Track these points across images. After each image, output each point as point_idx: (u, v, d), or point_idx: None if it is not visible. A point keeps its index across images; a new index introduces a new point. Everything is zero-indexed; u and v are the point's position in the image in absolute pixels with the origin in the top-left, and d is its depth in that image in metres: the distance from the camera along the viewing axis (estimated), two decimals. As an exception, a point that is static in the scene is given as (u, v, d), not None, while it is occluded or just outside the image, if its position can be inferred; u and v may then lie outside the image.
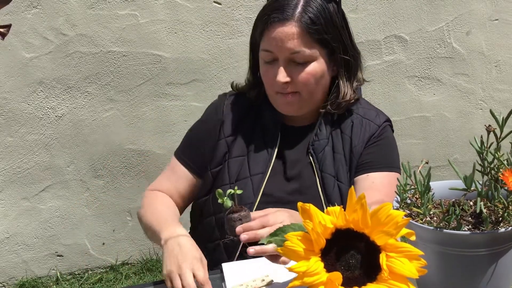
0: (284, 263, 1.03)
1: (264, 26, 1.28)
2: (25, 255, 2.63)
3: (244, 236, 1.06)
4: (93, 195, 2.63)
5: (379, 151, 1.35)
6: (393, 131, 1.44)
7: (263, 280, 1.10)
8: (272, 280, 1.09)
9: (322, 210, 1.25)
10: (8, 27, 0.71)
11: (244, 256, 1.22)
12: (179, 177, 1.42)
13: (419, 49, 2.73)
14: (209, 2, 2.50)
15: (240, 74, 2.62)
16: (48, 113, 2.49)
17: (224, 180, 1.35)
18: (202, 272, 1.08)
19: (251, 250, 1.04)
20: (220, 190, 1.11)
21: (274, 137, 1.37)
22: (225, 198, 1.11)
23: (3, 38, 0.71)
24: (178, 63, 2.54)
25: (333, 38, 1.29)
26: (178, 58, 2.54)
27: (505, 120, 0.80)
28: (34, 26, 2.39)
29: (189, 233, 1.51)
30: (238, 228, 1.08)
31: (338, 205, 0.63)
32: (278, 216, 1.10)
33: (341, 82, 1.35)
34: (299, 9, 1.26)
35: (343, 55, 1.32)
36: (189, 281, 1.06)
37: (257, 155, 1.36)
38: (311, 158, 1.34)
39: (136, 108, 2.56)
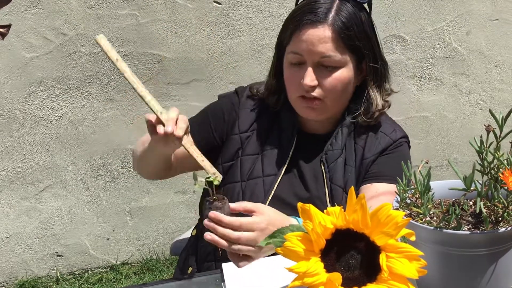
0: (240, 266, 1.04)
1: (295, 28, 1.25)
2: (25, 255, 2.63)
3: (207, 237, 1.04)
4: (93, 195, 2.63)
5: (388, 163, 1.33)
6: (409, 147, 1.41)
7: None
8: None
9: None
10: (8, 27, 0.71)
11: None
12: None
13: (419, 49, 2.73)
14: (209, 2, 2.50)
15: (240, 74, 2.63)
16: (48, 113, 2.49)
17: (236, 177, 1.34)
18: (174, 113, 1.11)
19: (208, 236, 1.04)
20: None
21: (290, 140, 1.35)
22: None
23: (3, 38, 0.71)
24: (178, 63, 2.54)
25: (365, 45, 1.27)
26: (178, 58, 2.54)
27: (505, 119, 0.80)
28: (34, 26, 2.39)
29: (198, 224, 1.53)
30: (209, 216, 1.04)
31: None
32: (251, 238, 1.04)
33: (371, 91, 1.32)
34: (332, 13, 1.23)
35: (373, 63, 1.30)
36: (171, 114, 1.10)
37: (271, 156, 1.34)
38: (322, 167, 1.32)
39: (136, 108, 2.56)
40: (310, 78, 1.23)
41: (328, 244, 0.61)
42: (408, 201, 0.84)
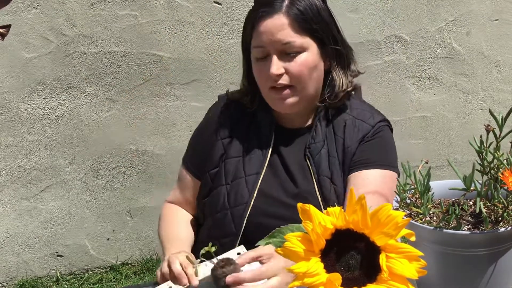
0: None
1: (253, 23, 1.30)
2: (25, 255, 2.63)
3: None
4: (93, 195, 2.63)
5: (372, 149, 1.34)
6: (392, 130, 1.42)
7: (239, 253, 1.13)
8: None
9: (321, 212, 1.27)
10: (8, 27, 0.71)
11: None
12: (186, 186, 1.46)
13: (419, 49, 2.73)
14: (209, 2, 2.50)
15: (240, 74, 2.62)
16: (48, 113, 2.49)
17: (221, 181, 1.36)
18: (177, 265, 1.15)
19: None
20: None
21: (268, 137, 1.37)
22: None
23: (3, 38, 0.71)
24: (178, 63, 2.54)
25: (322, 28, 1.31)
26: (178, 58, 2.54)
27: (505, 119, 0.80)
28: (34, 26, 2.39)
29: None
30: (228, 282, 1.06)
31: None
32: (274, 267, 1.08)
33: (335, 73, 1.35)
34: (286, 1, 1.28)
35: (334, 45, 1.33)
36: (177, 266, 1.14)
37: (251, 155, 1.36)
38: (308, 161, 1.34)
39: (136, 108, 2.56)
40: (276, 66, 1.27)
41: (328, 244, 0.61)
42: (408, 201, 0.84)
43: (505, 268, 0.80)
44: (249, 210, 1.31)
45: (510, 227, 0.77)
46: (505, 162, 0.80)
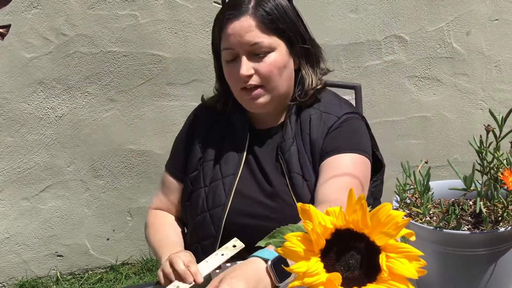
0: None
1: (221, 26, 1.31)
2: (25, 255, 2.63)
3: None
4: (93, 195, 2.63)
5: (339, 136, 1.33)
6: (366, 124, 1.41)
7: (235, 246, 1.13)
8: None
9: (295, 209, 1.27)
10: (8, 27, 0.71)
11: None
12: (170, 190, 1.48)
13: (419, 49, 2.73)
14: (209, 2, 2.50)
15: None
16: (48, 113, 2.49)
17: (200, 184, 1.38)
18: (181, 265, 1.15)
19: None
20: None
21: (243, 138, 1.39)
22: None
23: (3, 38, 0.71)
24: (178, 63, 2.54)
25: (289, 27, 1.32)
26: (178, 58, 2.54)
27: (504, 119, 0.80)
28: (34, 26, 2.39)
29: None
30: None
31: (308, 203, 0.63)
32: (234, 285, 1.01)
33: (304, 71, 1.36)
34: (252, 3, 1.29)
35: (302, 44, 1.35)
36: (180, 266, 1.13)
37: (227, 157, 1.38)
38: (280, 159, 1.35)
39: (136, 108, 2.56)
40: (245, 67, 1.28)
41: (328, 244, 0.61)
42: (408, 201, 0.84)
43: (505, 268, 0.80)
44: (227, 211, 1.33)
45: (510, 227, 0.77)
46: (505, 162, 0.80)
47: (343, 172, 1.26)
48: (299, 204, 0.62)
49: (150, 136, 2.61)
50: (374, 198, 1.45)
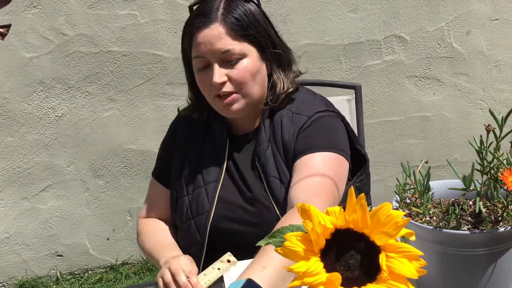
0: None
1: (191, 34, 1.31)
2: (25, 255, 2.64)
3: None
4: (93, 195, 2.63)
5: (310, 135, 1.32)
6: (343, 120, 1.40)
7: (229, 260, 1.14)
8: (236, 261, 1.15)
9: (274, 213, 1.28)
10: (8, 27, 0.71)
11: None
12: (159, 197, 1.48)
13: (419, 49, 2.73)
14: (209, 2, 2.50)
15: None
16: (48, 113, 2.49)
17: (183, 192, 1.39)
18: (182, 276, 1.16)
19: None
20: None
21: (222, 145, 1.39)
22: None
23: (3, 38, 0.71)
24: (178, 63, 2.54)
25: (259, 33, 1.32)
26: (178, 58, 2.54)
27: (505, 119, 0.80)
28: (34, 26, 2.39)
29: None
30: None
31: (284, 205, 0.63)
32: None
33: (276, 76, 1.36)
34: (221, 11, 1.29)
35: (273, 49, 1.34)
36: (182, 279, 1.13)
37: (209, 164, 1.38)
38: (257, 163, 1.35)
39: (136, 108, 2.56)
40: (218, 75, 1.28)
41: (328, 244, 0.61)
42: (408, 201, 0.84)
43: (505, 268, 0.80)
44: (211, 218, 1.33)
45: (509, 227, 0.77)
46: (505, 162, 0.80)
47: (314, 172, 1.25)
48: (298, 204, 0.62)
49: (150, 136, 2.61)
50: (361, 193, 1.44)
